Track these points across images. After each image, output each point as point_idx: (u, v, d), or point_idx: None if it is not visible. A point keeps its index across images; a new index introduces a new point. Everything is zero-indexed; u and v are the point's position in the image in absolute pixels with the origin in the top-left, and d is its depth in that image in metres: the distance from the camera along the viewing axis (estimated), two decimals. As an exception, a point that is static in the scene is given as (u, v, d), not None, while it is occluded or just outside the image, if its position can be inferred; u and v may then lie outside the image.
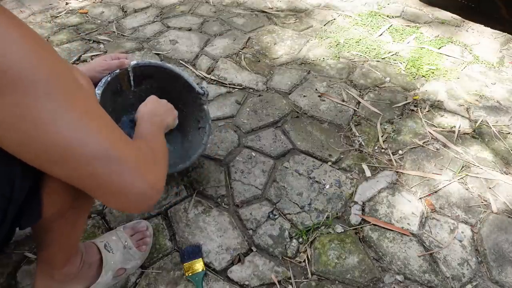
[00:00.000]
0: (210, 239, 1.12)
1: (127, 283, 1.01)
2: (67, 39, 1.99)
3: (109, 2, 2.40)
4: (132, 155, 0.55)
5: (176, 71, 1.21)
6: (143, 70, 1.18)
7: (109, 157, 0.52)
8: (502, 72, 1.94)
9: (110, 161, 0.52)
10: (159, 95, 1.30)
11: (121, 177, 0.53)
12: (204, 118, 1.25)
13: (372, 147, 1.46)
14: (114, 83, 1.09)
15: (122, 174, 0.53)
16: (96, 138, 0.51)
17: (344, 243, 1.14)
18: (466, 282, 1.07)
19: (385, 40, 2.12)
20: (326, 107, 1.62)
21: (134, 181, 0.54)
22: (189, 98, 1.26)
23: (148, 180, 0.56)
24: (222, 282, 1.03)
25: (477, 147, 1.48)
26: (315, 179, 1.32)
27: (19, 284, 0.99)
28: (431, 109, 1.66)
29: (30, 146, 0.48)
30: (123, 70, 1.10)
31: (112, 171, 0.52)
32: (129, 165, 0.54)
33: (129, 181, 0.54)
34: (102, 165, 0.52)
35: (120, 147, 0.54)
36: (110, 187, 0.53)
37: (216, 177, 1.31)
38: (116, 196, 0.55)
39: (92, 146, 0.50)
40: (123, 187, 0.54)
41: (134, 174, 0.54)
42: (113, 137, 0.54)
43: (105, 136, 0.52)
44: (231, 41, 2.03)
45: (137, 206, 0.57)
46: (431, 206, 1.26)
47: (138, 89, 1.23)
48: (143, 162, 0.57)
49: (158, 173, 0.61)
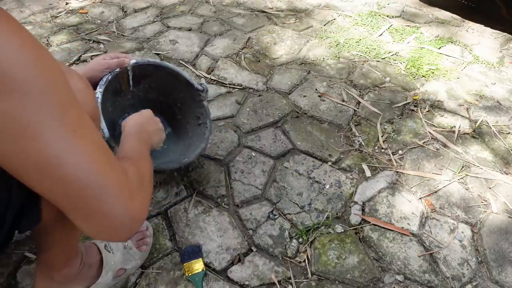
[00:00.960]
0: (210, 239, 1.12)
1: (127, 283, 1.01)
2: (67, 39, 1.99)
3: (109, 2, 2.40)
4: (117, 181, 0.51)
5: (175, 69, 1.22)
6: (142, 69, 1.18)
7: (91, 180, 0.48)
8: (502, 72, 1.94)
9: (91, 185, 0.48)
10: (157, 95, 1.31)
11: (100, 204, 0.49)
12: (204, 114, 1.26)
13: (372, 147, 1.46)
14: (114, 82, 1.10)
15: (101, 201, 0.49)
16: (80, 158, 0.48)
17: (344, 243, 1.14)
18: (466, 282, 1.07)
19: (385, 40, 2.12)
20: (326, 107, 1.62)
21: (114, 210, 0.50)
22: (188, 95, 1.27)
23: (130, 211, 0.52)
24: (222, 282, 1.03)
25: (477, 147, 1.49)
26: (315, 179, 1.32)
27: (19, 284, 0.99)
28: (431, 109, 1.66)
29: (12, 157, 0.46)
30: (123, 69, 1.11)
31: (91, 195, 0.48)
32: (111, 192, 0.50)
33: (109, 210, 0.50)
34: (82, 187, 0.48)
35: (106, 171, 0.50)
36: (86, 212, 0.50)
37: (216, 177, 1.31)
38: (92, 223, 0.51)
39: (74, 166, 0.47)
40: (102, 214, 0.50)
41: (115, 202, 0.50)
42: (99, 159, 0.50)
43: (90, 157, 0.49)
44: (231, 41, 2.03)
45: (113, 235, 0.53)
46: (431, 206, 1.26)
47: (137, 89, 1.24)
48: (128, 190, 0.53)
49: (143, 202, 0.57)
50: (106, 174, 0.50)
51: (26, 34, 0.48)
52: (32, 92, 0.45)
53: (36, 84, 0.45)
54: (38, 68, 0.46)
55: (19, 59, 0.45)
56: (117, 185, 0.51)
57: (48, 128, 0.46)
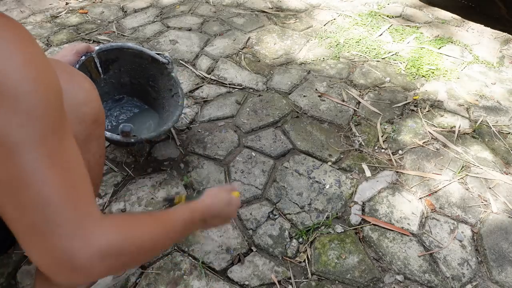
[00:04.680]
0: (210, 239, 1.12)
1: (127, 283, 1.01)
2: (67, 39, 1.99)
3: (109, 2, 2.40)
4: (74, 219, 0.46)
5: (138, 48, 1.28)
6: (107, 55, 1.24)
7: (47, 211, 0.45)
8: (502, 72, 1.94)
9: (46, 214, 0.45)
10: (129, 78, 1.37)
11: (45, 236, 0.45)
12: (174, 85, 1.32)
13: (372, 147, 1.46)
14: (83, 71, 1.12)
15: (48, 232, 0.45)
16: (45, 186, 0.45)
17: (344, 243, 1.13)
18: (466, 282, 1.07)
19: (385, 40, 2.12)
20: (326, 107, 1.62)
21: (57, 246, 0.45)
22: (157, 71, 1.34)
23: (74, 255, 0.45)
24: (222, 282, 1.03)
25: (477, 147, 1.48)
26: (315, 179, 1.32)
27: (19, 284, 0.99)
28: (431, 109, 1.66)
29: None
30: (88, 57, 1.15)
31: (42, 223, 0.45)
32: (63, 226, 0.45)
33: (53, 243, 0.45)
34: (36, 214, 0.45)
35: (67, 205, 0.46)
36: (31, 240, 0.46)
37: (216, 177, 1.31)
38: (33, 251, 0.47)
39: (36, 192, 0.45)
40: (44, 246, 0.45)
41: (61, 239, 0.45)
42: (65, 192, 0.47)
43: (55, 187, 0.46)
44: (231, 41, 2.03)
45: (48, 271, 0.47)
46: (431, 206, 1.26)
47: (107, 75, 1.30)
48: (84, 235, 0.47)
49: (104, 258, 0.48)
50: (65, 208, 0.46)
51: (34, 51, 0.48)
52: (21, 109, 0.44)
53: (27, 103, 0.45)
54: (34, 87, 0.46)
55: (18, 75, 0.45)
56: (72, 223, 0.46)
57: (24, 148, 0.45)
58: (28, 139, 0.45)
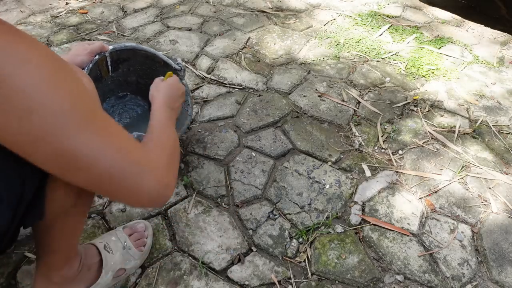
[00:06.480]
0: (210, 239, 1.12)
1: (127, 283, 1.01)
2: (67, 39, 1.99)
3: (109, 2, 2.40)
4: (146, 159, 0.60)
5: (151, 51, 1.25)
6: (119, 54, 1.22)
7: (128, 162, 0.57)
8: (502, 72, 1.94)
9: (128, 167, 0.57)
10: (136, 77, 1.36)
11: (136, 181, 0.58)
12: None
13: (372, 147, 1.46)
14: (94, 70, 1.12)
15: (136, 178, 0.57)
16: (112, 148, 0.55)
17: (344, 243, 1.14)
18: (466, 282, 1.07)
19: (385, 40, 2.12)
20: (326, 107, 1.62)
21: (149, 184, 0.59)
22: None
23: (160, 181, 0.61)
24: (222, 282, 1.03)
25: (477, 147, 1.49)
26: (315, 179, 1.32)
27: (19, 284, 0.99)
28: (431, 109, 1.66)
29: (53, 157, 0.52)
30: (101, 56, 1.13)
31: (129, 175, 0.57)
32: (145, 169, 0.59)
33: (146, 185, 0.59)
34: (121, 171, 0.56)
35: (136, 153, 0.59)
36: (127, 190, 0.58)
37: (216, 177, 1.31)
38: (133, 197, 0.59)
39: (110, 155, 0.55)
40: (140, 189, 0.58)
41: (149, 177, 0.59)
42: (127, 146, 0.58)
43: (120, 146, 0.57)
44: (231, 41, 2.03)
45: (152, 204, 0.62)
46: (431, 206, 1.26)
47: (116, 73, 1.28)
48: (155, 163, 0.62)
49: (173, 172, 0.68)
50: (137, 156, 0.59)
51: (42, 52, 0.51)
52: (54, 110, 0.50)
53: (54, 102, 0.50)
54: (54, 87, 0.50)
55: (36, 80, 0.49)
56: (148, 162, 0.60)
57: (78, 133, 0.52)
58: (76, 125, 0.52)
